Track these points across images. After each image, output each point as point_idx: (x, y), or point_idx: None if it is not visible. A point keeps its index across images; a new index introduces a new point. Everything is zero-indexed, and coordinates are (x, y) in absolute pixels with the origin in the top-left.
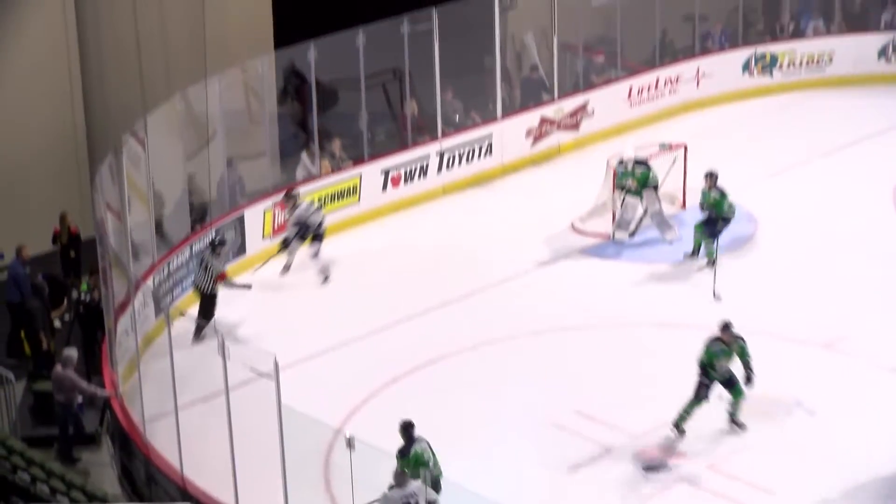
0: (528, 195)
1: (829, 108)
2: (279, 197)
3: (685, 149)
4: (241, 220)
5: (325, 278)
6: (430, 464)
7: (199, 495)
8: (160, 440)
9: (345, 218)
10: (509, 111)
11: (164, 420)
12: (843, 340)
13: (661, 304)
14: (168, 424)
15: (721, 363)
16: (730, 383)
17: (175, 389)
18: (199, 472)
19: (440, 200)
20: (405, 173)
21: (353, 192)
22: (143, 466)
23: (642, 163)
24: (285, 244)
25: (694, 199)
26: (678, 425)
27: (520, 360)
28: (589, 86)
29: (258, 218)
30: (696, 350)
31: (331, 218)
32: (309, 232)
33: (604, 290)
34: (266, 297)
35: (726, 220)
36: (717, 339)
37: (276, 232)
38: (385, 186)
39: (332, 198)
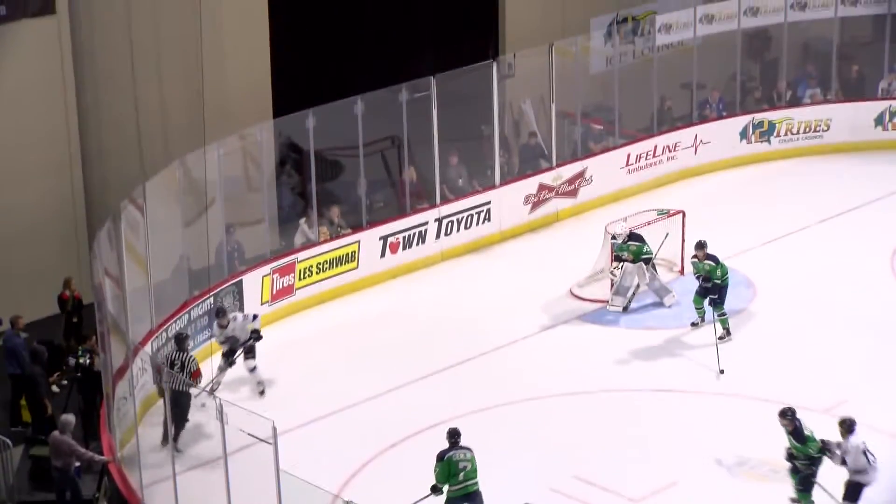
0: (526, 262)
1: (826, 175)
2: (277, 263)
3: (683, 215)
4: (239, 286)
5: (262, 392)
6: (461, 475)
7: None
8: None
9: (343, 283)
10: (507, 178)
11: (163, 485)
12: (842, 405)
13: (658, 370)
14: (166, 489)
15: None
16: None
17: (174, 454)
18: None
19: (438, 267)
20: (403, 240)
21: (351, 258)
22: None
23: (636, 237)
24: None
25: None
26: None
27: (518, 425)
28: (587, 153)
29: (257, 284)
30: (693, 415)
31: (329, 283)
32: (238, 346)
33: (602, 356)
34: (264, 363)
35: (723, 287)
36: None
37: (274, 298)
38: (383, 253)
39: (331, 264)
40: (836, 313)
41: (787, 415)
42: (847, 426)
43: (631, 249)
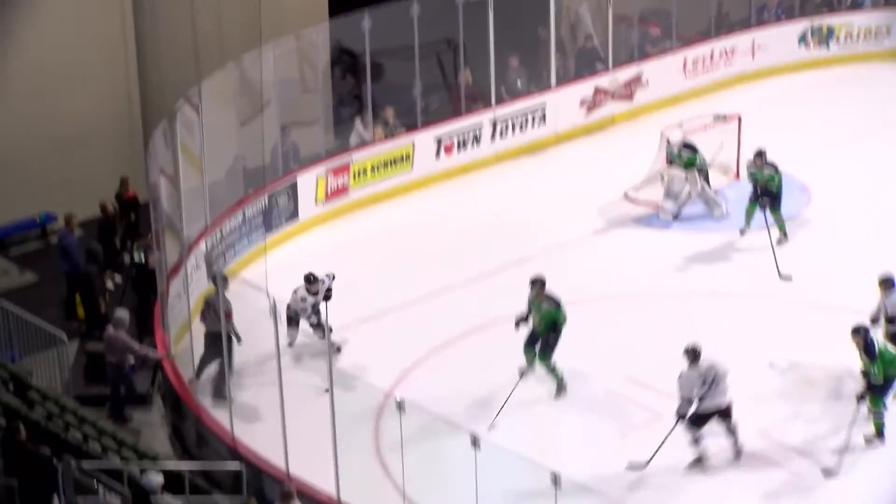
0: (581, 164)
1: (885, 82)
2: (333, 163)
3: (739, 120)
4: (293, 187)
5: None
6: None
7: (249, 456)
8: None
9: (398, 185)
10: (563, 81)
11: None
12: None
13: (712, 273)
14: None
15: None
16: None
17: (228, 351)
18: (250, 433)
19: (493, 169)
20: (458, 141)
21: (406, 159)
22: (194, 427)
23: (689, 146)
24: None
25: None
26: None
27: (572, 326)
28: (643, 56)
29: (311, 184)
30: (747, 318)
31: (384, 185)
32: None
33: (656, 259)
34: (318, 263)
35: (779, 194)
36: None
37: (328, 198)
38: (438, 154)
39: (386, 165)
40: (892, 222)
41: (860, 332)
42: (887, 283)
43: (683, 158)
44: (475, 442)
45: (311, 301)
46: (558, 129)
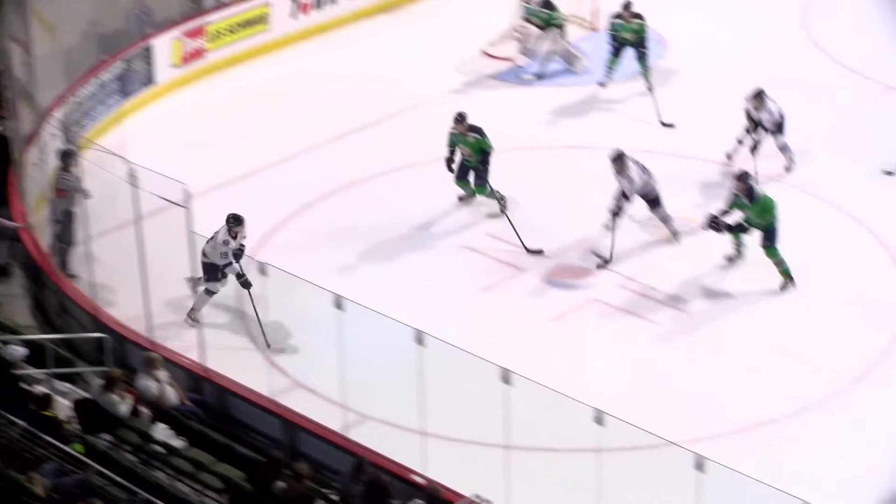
0: (438, 21)
1: None
2: (187, 26)
3: None
4: (149, 51)
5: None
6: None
7: (112, 325)
8: (72, 270)
9: (255, 46)
10: None
11: (75, 249)
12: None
13: (574, 127)
14: (79, 255)
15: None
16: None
17: (84, 219)
18: (112, 302)
19: (351, 27)
20: (316, 0)
21: (262, 19)
22: (56, 297)
23: (548, 3)
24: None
25: (606, 21)
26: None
27: (432, 184)
28: None
29: (167, 47)
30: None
31: (240, 46)
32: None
33: (516, 114)
34: (177, 129)
35: (644, 44)
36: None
37: (185, 61)
38: (295, 14)
39: (242, 26)
40: (746, 69)
41: (743, 177)
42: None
43: (541, 17)
44: (338, 303)
45: (233, 246)
46: None
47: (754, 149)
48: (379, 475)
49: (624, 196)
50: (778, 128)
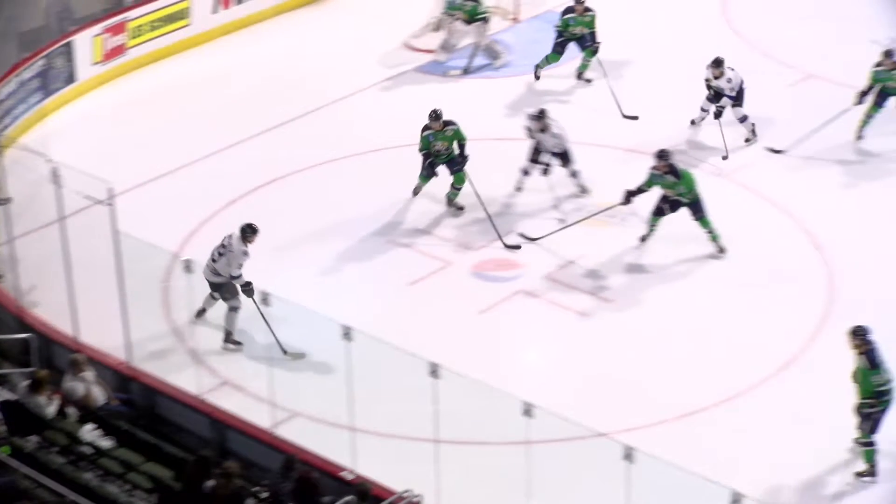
0: (360, 14)
1: None
2: (108, 22)
3: None
4: (70, 48)
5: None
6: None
7: (37, 325)
8: None
9: (177, 41)
10: None
11: None
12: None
13: (497, 118)
14: (3, 256)
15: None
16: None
17: (7, 219)
18: (37, 302)
19: (273, 21)
20: None
21: (183, 14)
22: None
23: None
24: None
25: (529, 12)
26: None
27: (357, 178)
28: None
29: (88, 44)
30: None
31: (162, 41)
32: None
33: (439, 105)
34: (100, 127)
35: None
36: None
37: (106, 58)
38: (216, 8)
39: (163, 21)
40: (669, 60)
41: (664, 155)
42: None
43: (466, 9)
44: (265, 298)
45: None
46: None
47: (718, 115)
48: (309, 472)
49: (538, 152)
50: (737, 98)
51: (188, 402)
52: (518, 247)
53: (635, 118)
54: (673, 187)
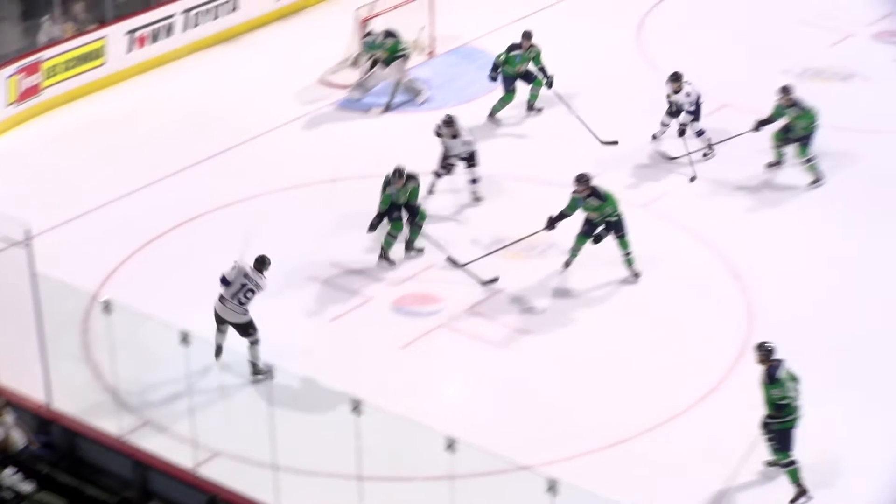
0: (276, 51)
1: None
2: (22, 63)
3: None
4: None
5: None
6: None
7: None
8: None
9: (92, 81)
10: None
11: None
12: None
13: (414, 152)
14: None
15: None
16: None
17: None
18: None
19: (188, 59)
20: (151, 33)
21: (98, 54)
22: None
23: (391, 33)
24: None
25: (445, 45)
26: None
27: (275, 216)
28: None
29: (2, 85)
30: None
31: (77, 81)
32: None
33: (356, 141)
34: (16, 167)
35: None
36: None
37: (21, 98)
38: (131, 48)
39: (78, 61)
40: (586, 88)
41: (583, 179)
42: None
43: (387, 47)
44: (185, 338)
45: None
46: (251, 15)
47: (682, 133)
48: None
49: (448, 157)
50: (694, 113)
51: (109, 443)
52: (496, 279)
53: (615, 143)
54: (598, 210)
